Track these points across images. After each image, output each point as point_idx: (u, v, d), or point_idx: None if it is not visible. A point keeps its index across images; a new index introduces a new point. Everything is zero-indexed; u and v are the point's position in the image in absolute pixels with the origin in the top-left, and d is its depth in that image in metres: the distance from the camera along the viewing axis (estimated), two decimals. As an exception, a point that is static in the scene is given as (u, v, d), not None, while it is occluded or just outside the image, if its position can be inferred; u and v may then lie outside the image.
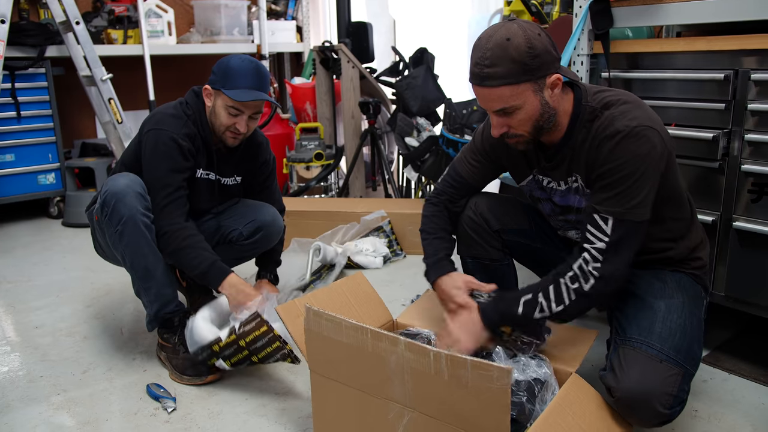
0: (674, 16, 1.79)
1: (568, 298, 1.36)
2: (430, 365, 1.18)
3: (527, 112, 1.33)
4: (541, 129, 1.39)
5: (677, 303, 1.39)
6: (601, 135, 1.34)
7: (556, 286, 1.37)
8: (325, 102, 3.74)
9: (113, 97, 3.33)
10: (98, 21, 3.89)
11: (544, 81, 1.31)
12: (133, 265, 1.76)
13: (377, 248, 2.58)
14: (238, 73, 1.78)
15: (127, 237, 1.72)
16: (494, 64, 1.28)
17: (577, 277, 1.35)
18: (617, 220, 1.32)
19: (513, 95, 1.30)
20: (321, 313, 1.33)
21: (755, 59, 1.65)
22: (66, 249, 3.13)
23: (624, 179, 1.31)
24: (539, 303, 1.38)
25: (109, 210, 1.70)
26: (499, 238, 1.69)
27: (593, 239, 1.34)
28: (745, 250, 1.72)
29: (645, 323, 1.36)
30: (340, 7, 3.64)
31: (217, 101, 1.83)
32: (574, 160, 1.43)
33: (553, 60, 1.31)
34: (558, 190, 1.51)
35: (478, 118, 3.21)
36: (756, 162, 1.67)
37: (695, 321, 1.39)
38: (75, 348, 2.03)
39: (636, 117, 1.32)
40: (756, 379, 1.75)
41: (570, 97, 1.40)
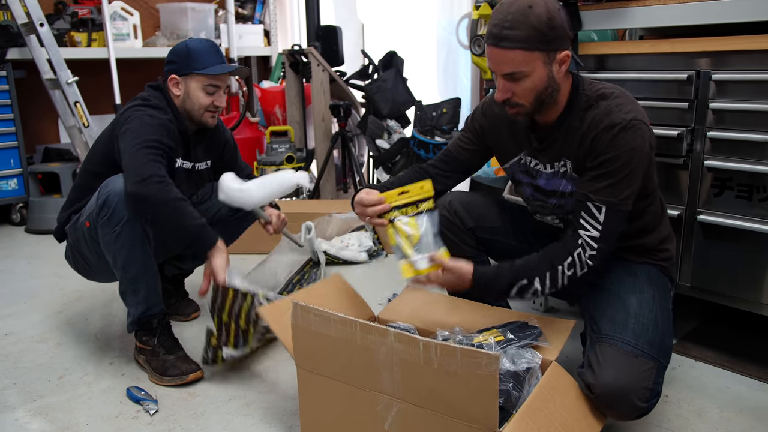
0: (640, 20, 1.87)
1: (561, 283, 1.41)
2: (420, 355, 1.20)
3: (533, 81, 1.37)
4: (543, 103, 1.42)
5: (647, 297, 1.44)
6: (599, 125, 1.39)
7: (553, 272, 1.41)
8: (295, 105, 3.74)
9: (79, 101, 3.27)
10: (60, 23, 3.81)
11: (555, 55, 1.36)
12: (125, 266, 1.73)
13: (362, 242, 2.59)
14: (202, 52, 1.85)
15: (124, 238, 1.69)
16: (514, 27, 1.32)
17: (573, 264, 1.40)
18: (610, 210, 1.38)
19: (525, 61, 1.34)
20: (309, 308, 1.34)
21: (715, 60, 1.74)
22: (30, 256, 3.06)
23: (619, 170, 1.36)
24: (534, 288, 1.42)
25: (110, 210, 1.67)
26: (473, 236, 1.72)
27: (587, 226, 1.39)
28: (709, 242, 1.81)
29: (618, 318, 1.40)
30: (310, 11, 3.66)
31: (191, 85, 1.86)
32: (565, 146, 1.47)
33: (566, 37, 1.37)
34: (544, 173, 1.55)
35: (447, 120, 3.28)
36: (717, 158, 1.75)
37: (665, 313, 1.44)
38: (49, 354, 1.99)
39: (631, 111, 1.38)
40: (721, 365, 1.84)
41: (569, 83, 1.46)
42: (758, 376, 1.77)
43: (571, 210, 1.52)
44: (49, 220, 3.46)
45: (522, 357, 1.38)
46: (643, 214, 1.51)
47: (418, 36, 3.82)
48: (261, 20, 4.57)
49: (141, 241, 1.72)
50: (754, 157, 1.68)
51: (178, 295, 2.25)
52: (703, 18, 1.74)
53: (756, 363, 1.83)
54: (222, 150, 2.11)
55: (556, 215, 1.61)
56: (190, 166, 1.98)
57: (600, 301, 1.49)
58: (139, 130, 1.75)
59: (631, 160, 1.36)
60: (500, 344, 1.41)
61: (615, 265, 1.55)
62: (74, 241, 1.89)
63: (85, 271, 1.96)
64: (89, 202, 1.78)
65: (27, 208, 3.56)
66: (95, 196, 1.73)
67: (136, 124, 1.77)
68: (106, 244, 1.72)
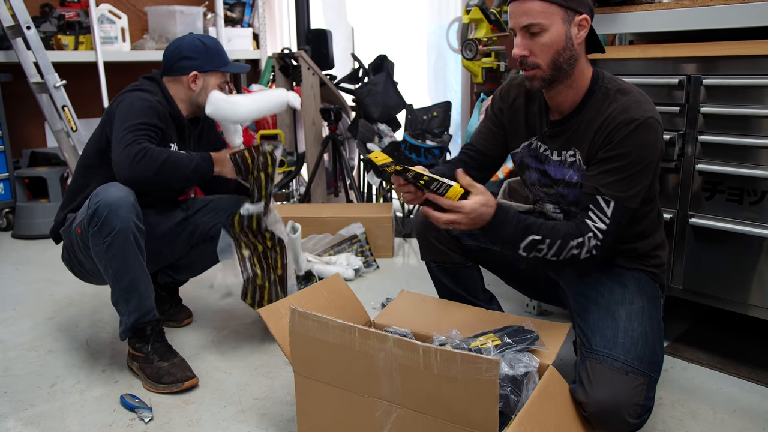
0: (631, 25, 1.89)
1: (563, 256, 1.41)
2: (420, 361, 1.20)
3: (551, 36, 1.38)
4: (560, 69, 1.41)
5: (637, 309, 1.45)
6: (617, 119, 1.39)
7: (563, 243, 1.39)
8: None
9: (67, 105, 3.24)
10: (47, 26, 3.77)
11: (573, 16, 1.38)
12: (117, 276, 1.71)
13: (351, 262, 2.58)
14: (220, 50, 1.97)
15: (115, 249, 1.67)
16: None
17: (581, 246, 1.39)
18: (618, 205, 1.39)
19: (543, 12, 1.36)
20: (307, 314, 1.34)
21: (705, 65, 1.76)
22: (18, 261, 3.02)
23: (631, 165, 1.37)
24: (542, 248, 1.40)
25: (100, 221, 1.64)
26: (460, 244, 1.73)
27: (595, 218, 1.40)
28: (700, 245, 1.83)
29: (608, 333, 1.40)
30: (300, 15, 3.66)
31: (210, 81, 1.95)
32: (577, 135, 1.48)
33: (588, 4, 1.39)
34: (552, 160, 1.55)
35: (438, 123, 3.29)
36: (708, 162, 1.77)
37: (655, 325, 1.45)
38: (40, 362, 1.96)
39: (648, 110, 1.39)
40: (713, 367, 1.86)
41: (590, 72, 1.47)
42: (750, 377, 1.79)
43: (573, 201, 1.53)
44: (36, 225, 3.42)
45: (519, 361, 1.38)
46: (642, 218, 1.52)
47: (407, 39, 3.83)
48: (250, 23, 4.56)
49: (133, 251, 1.69)
50: (744, 160, 1.70)
51: (172, 302, 2.24)
52: (693, 24, 1.76)
53: (747, 364, 1.85)
54: (214, 143, 2.13)
55: (557, 204, 1.60)
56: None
57: (589, 313, 1.49)
58: (126, 116, 1.77)
59: (644, 157, 1.37)
60: (497, 348, 1.42)
61: (605, 272, 1.55)
62: (69, 245, 1.87)
63: (81, 274, 1.94)
64: (81, 209, 1.76)
65: (14, 213, 3.52)
66: (86, 204, 1.71)
67: (124, 109, 1.79)
68: (97, 254, 1.70)
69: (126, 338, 1.83)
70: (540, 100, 1.57)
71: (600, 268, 1.55)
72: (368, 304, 2.37)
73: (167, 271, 2.14)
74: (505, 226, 1.40)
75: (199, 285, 2.51)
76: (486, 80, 2.93)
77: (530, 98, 1.60)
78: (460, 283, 1.75)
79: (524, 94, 1.61)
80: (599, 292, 1.51)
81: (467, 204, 1.35)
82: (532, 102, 1.60)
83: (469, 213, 1.35)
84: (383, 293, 2.49)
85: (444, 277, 1.77)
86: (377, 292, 2.52)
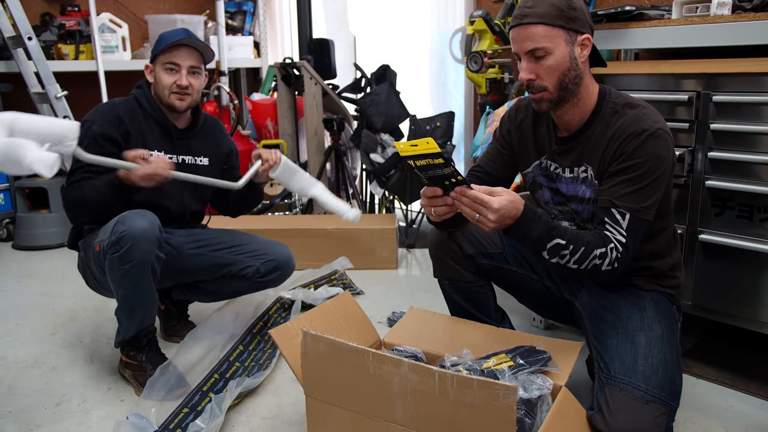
0: (640, 41, 1.89)
1: (585, 266, 1.38)
2: (435, 386, 1.19)
3: (556, 59, 1.39)
4: (566, 90, 1.42)
5: (656, 335, 1.43)
6: (626, 131, 1.39)
7: (585, 252, 1.37)
8: (287, 118, 3.72)
9: (68, 115, 3.22)
10: (47, 35, 3.75)
11: (576, 36, 1.39)
12: (126, 298, 1.73)
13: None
14: (167, 35, 1.88)
15: (131, 276, 1.68)
16: (535, 5, 1.38)
17: (604, 256, 1.37)
18: (633, 217, 1.38)
19: (546, 36, 1.37)
20: (319, 338, 1.33)
21: (714, 82, 1.75)
22: (19, 273, 3.00)
23: (644, 176, 1.37)
24: (564, 254, 1.37)
25: (122, 249, 1.64)
26: (473, 262, 1.71)
27: (614, 232, 1.38)
28: (709, 261, 1.82)
29: (628, 360, 1.39)
30: (302, 24, 3.65)
31: (156, 69, 1.89)
32: (587, 150, 1.47)
33: (587, 23, 1.40)
34: (564, 177, 1.54)
35: (441, 133, 3.28)
36: (718, 178, 1.77)
37: (674, 351, 1.44)
38: (44, 380, 1.94)
39: (658, 121, 1.39)
40: (723, 383, 1.85)
41: (596, 89, 1.48)
42: (760, 394, 1.78)
43: (588, 217, 1.53)
44: (36, 236, 3.40)
45: (533, 383, 1.37)
46: (656, 236, 1.51)
47: (410, 48, 3.82)
48: (251, 32, 4.54)
49: (147, 281, 1.71)
50: (754, 177, 1.70)
51: (181, 317, 2.22)
52: (703, 41, 1.76)
53: (757, 380, 1.85)
54: (224, 155, 2.10)
55: (573, 221, 1.59)
56: (180, 161, 1.96)
57: (607, 337, 1.48)
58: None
59: (656, 168, 1.37)
60: (511, 369, 1.41)
61: (623, 294, 1.54)
62: (85, 258, 1.88)
63: (94, 286, 1.96)
64: (104, 228, 1.74)
65: (14, 224, 3.50)
66: (111, 225, 1.70)
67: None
68: (112, 277, 1.71)
69: (119, 346, 1.86)
70: (548, 119, 1.57)
71: (617, 290, 1.54)
72: (374, 318, 2.35)
73: (183, 290, 2.13)
74: (533, 224, 1.37)
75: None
76: (490, 91, 2.92)
77: (538, 118, 1.60)
78: (473, 302, 1.74)
79: (532, 115, 1.61)
80: (617, 316, 1.49)
81: (495, 199, 1.32)
82: (540, 122, 1.60)
83: (499, 209, 1.31)
84: (389, 307, 2.48)
85: (456, 295, 1.76)
86: (382, 306, 2.51)
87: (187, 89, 1.89)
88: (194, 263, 1.98)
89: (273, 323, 2.24)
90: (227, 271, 2.00)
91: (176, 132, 1.95)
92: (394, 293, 2.66)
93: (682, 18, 1.81)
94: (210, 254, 2.00)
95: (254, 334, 2.13)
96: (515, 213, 1.35)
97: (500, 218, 1.33)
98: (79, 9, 3.90)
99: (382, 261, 2.95)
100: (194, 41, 1.88)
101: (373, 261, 2.95)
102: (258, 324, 2.19)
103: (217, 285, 2.06)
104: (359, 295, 2.64)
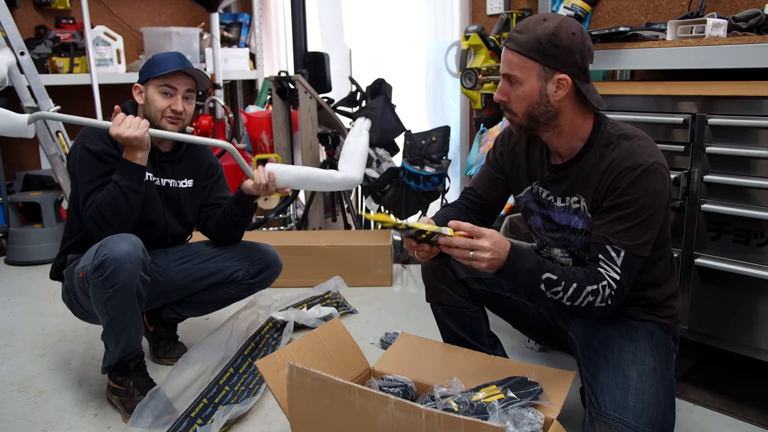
0: (633, 62, 1.86)
1: (579, 302, 1.37)
2: (422, 425, 1.17)
3: (525, 91, 1.38)
4: (537, 121, 1.41)
5: (648, 370, 1.40)
6: (621, 165, 1.37)
7: (578, 289, 1.36)
8: (282, 132, 3.70)
9: (61, 130, 3.19)
10: (42, 48, 3.74)
11: (552, 74, 1.36)
12: (112, 323, 1.71)
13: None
14: (162, 59, 1.86)
15: (115, 301, 1.66)
16: (521, 32, 1.37)
17: (596, 293, 1.36)
18: (628, 254, 1.36)
19: (519, 66, 1.37)
20: (305, 371, 1.30)
21: (710, 104, 1.73)
22: (11, 290, 2.97)
23: (638, 213, 1.35)
24: (557, 291, 1.36)
25: (105, 273, 1.62)
26: (465, 287, 1.69)
27: (607, 268, 1.37)
28: (705, 285, 1.79)
29: (619, 395, 1.36)
30: (297, 37, 3.63)
31: (149, 90, 1.87)
32: (580, 181, 1.45)
33: (571, 63, 1.36)
34: (556, 206, 1.52)
35: (437, 148, 3.25)
36: (714, 202, 1.74)
37: (667, 386, 1.41)
38: (30, 405, 1.91)
39: (653, 154, 1.37)
40: (720, 410, 1.82)
41: (588, 123, 1.44)
42: (758, 421, 1.75)
43: (581, 247, 1.50)
44: (29, 251, 3.38)
45: (524, 417, 1.34)
46: (651, 266, 1.48)
47: (406, 60, 3.80)
48: (247, 44, 4.53)
49: (132, 305, 1.69)
50: (751, 201, 1.68)
51: (170, 338, 2.19)
52: (697, 63, 1.74)
53: (755, 407, 1.81)
54: (206, 170, 2.07)
55: (565, 248, 1.57)
56: (163, 183, 1.95)
57: (599, 370, 1.45)
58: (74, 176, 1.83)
59: (651, 204, 1.35)
60: (501, 402, 1.38)
61: (615, 326, 1.51)
62: (70, 286, 1.86)
63: (80, 314, 1.93)
64: (87, 253, 1.73)
65: (7, 239, 3.47)
66: (93, 250, 1.68)
67: (73, 169, 1.83)
68: (96, 302, 1.68)
69: (106, 372, 1.83)
70: (541, 143, 1.55)
71: (611, 320, 1.51)
72: (366, 339, 2.32)
73: (174, 308, 2.11)
74: (525, 257, 1.36)
75: (196, 321, 2.45)
76: (486, 106, 2.90)
77: (531, 141, 1.58)
78: (465, 328, 1.71)
79: (525, 138, 1.58)
80: (609, 348, 1.47)
81: (484, 237, 1.33)
82: (534, 146, 1.57)
83: (492, 246, 1.33)
84: (382, 327, 2.44)
85: (449, 321, 1.73)
86: (375, 325, 2.48)
87: (181, 114, 1.88)
88: (183, 278, 1.98)
89: (265, 344, 2.21)
90: (217, 279, 2.01)
91: (160, 155, 1.94)
92: (388, 312, 2.63)
93: (676, 39, 1.79)
94: (197, 266, 2.00)
95: (245, 356, 2.10)
96: (506, 244, 1.35)
97: (494, 252, 1.33)
98: (74, 21, 3.89)
99: (376, 278, 2.92)
100: (192, 70, 1.88)
101: (367, 278, 2.92)
102: (249, 345, 2.17)
103: (208, 295, 2.05)
104: (352, 314, 2.61)
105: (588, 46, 1.38)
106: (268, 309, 2.40)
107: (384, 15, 3.86)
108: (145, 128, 1.75)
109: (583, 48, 1.37)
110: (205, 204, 2.08)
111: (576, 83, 1.38)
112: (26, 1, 3.85)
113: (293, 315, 2.36)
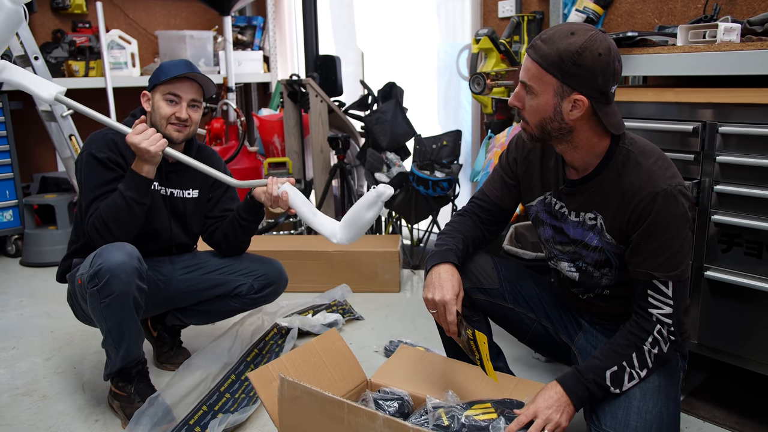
0: (643, 68, 1.81)
1: (650, 361, 1.36)
2: (410, 443, 1.14)
3: (539, 103, 1.34)
4: (549, 134, 1.38)
5: (652, 387, 1.37)
6: (642, 191, 1.34)
7: (639, 353, 1.36)
8: (294, 135, 3.70)
9: (74, 134, 3.23)
10: (59, 52, 3.79)
11: (569, 93, 1.31)
12: (110, 331, 1.71)
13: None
14: (169, 66, 1.85)
15: (112, 310, 1.66)
16: (546, 42, 1.31)
17: (657, 342, 1.35)
18: (676, 282, 1.34)
19: (537, 77, 1.33)
20: (296, 385, 1.28)
21: (721, 112, 1.67)
22: (23, 291, 3.01)
23: (674, 240, 1.33)
24: (628, 372, 1.36)
25: (100, 283, 1.62)
26: (468, 297, 1.65)
27: (659, 305, 1.35)
28: (716, 298, 1.74)
29: (620, 413, 1.33)
30: (308, 41, 3.62)
31: (155, 98, 1.85)
32: (597, 198, 1.42)
33: (591, 85, 1.30)
34: (570, 220, 1.49)
35: (447, 153, 3.22)
36: (725, 213, 1.68)
37: (671, 405, 1.38)
38: (33, 410, 1.92)
39: (674, 175, 1.35)
40: (730, 427, 1.76)
41: (608, 139, 1.40)
42: (769, 440, 1.69)
43: (592, 263, 1.48)
44: (44, 252, 3.42)
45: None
46: None
47: (418, 63, 3.76)
48: (260, 46, 4.54)
49: (129, 313, 1.69)
50: (763, 213, 1.61)
51: (173, 344, 2.20)
52: (707, 69, 1.68)
53: (766, 424, 1.75)
54: (212, 183, 2.04)
55: (573, 262, 1.54)
56: (168, 193, 1.94)
57: None
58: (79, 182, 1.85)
59: (683, 228, 1.33)
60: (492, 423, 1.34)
61: None
62: (72, 291, 1.88)
63: (83, 318, 1.94)
64: (85, 261, 1.72)
65: (22, 240, 3.52)
66: (90, 258, 1.68)
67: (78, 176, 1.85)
68: (94, 310, 1.69)
69: (109, 379, 1.84)
70: (556, 154, 1.51)
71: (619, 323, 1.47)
72: (370, 347, 2.30)
73: (177, 315, 2.11)
74: (581, 379, 1.37)
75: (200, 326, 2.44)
76: (496, 111, 2.86)
77: (547, 150, 1.54)
78: None
79: (540, 146, 1.54)
80: None
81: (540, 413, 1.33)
82: (549, 155, 1.53)
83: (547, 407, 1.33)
84: (387, 334, 2.42)
85: None
86: (381, 333, 2.46)
87: (186, 122, 1.86)
88: (187, 287, 1.97)
89: (268, 350, 2.20)
90: (221, 291, 1.99)
91: (167, 165, 1.93)
92: (394, 319, 2.61)
93: (687, 45, 1.73)
94: (201, 277, 1.99)
95: (248, 363, 2.09)
96: (554, 392, 1.36)
97: (557, 406, 1.34)
98: (90, 25, 3.93)
99: (384, 284, 2.89)
100: (197, 75, 1.86)
101: (375, 284, 2.90)
102: (253, 351, 2.16)
103: (211, 306, 2.04)
104: (358, 321, 2.59)
105: (614, 69, 1.31)
106: (273, 315, 2.39)
107: (396, 17, 3.83)
108: (161, 147, 1.74)
109: (607, 71, 1.30)
110: (210, 216, 2.06)
111: (593, 105, 1.33)
112: (44, 6, 3.90)
113: (297, 321, 2.35)
